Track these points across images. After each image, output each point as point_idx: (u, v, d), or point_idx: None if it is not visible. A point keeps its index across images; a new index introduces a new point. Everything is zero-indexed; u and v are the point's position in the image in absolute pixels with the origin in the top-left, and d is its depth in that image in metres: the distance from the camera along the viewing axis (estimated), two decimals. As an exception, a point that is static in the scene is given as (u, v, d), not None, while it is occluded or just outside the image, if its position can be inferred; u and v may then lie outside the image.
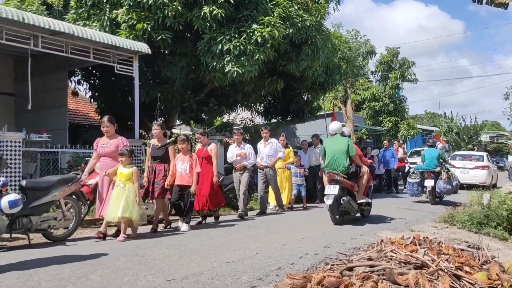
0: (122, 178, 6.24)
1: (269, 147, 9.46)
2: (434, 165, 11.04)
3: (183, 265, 4.45)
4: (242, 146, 8.93)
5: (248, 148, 8.94)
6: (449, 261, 3.95)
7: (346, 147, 7.54)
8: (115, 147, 6.53)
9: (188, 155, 7.22)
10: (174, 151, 7.17)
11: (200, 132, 8.35)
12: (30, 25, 8.10)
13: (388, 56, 25.45)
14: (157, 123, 7.33)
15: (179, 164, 7.11)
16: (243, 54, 10.32)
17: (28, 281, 3.90)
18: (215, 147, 8.02)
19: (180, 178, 7.06)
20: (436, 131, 34.14)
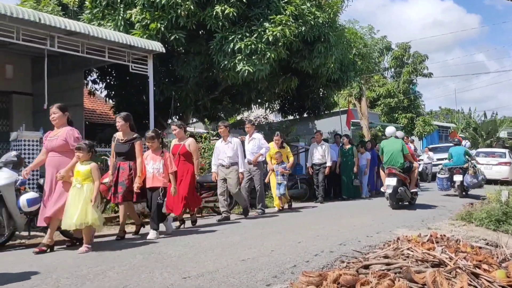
0: (79, 177, 5.27)
1: (253, 143, 8.94)
2: (461, 161, 11.90)
3: (199, 262, 4.47)
4: (229, 140, 8.19)
5: (236, 143, 8.17)
6: (467, 259, 3.90)
7: (401, 147, 9.39)
8: (63, 140, 5.44)
9: (160, 153, 6.30)
10: (142, 146, 6.35)
11: (176, 124, 7.40)
12: (46, 26, 8.19)
13: (399, 51, 25.17)
14: (121, 115, 6.48)
15: (149, 164, 6.24)
16: (254, 53, 10.32)
17: (46, 279, 3.95)
18: (193, 142, 7.31)
19: (152, 180, 6.18)
20: (453, 128, 33.69)
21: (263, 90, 12.87)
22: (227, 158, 8.02)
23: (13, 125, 11.17)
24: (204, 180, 9.11)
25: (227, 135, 8.21)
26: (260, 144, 8.90)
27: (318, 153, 11.31)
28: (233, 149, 8.04)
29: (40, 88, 9.56)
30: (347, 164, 12.05)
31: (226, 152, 8.05)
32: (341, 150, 12.24)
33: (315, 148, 11.45)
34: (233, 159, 8.00)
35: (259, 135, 9.13)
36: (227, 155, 8.02)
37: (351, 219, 7.73)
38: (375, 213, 8.72)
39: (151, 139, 6.29)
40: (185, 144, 7.22)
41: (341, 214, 8.66)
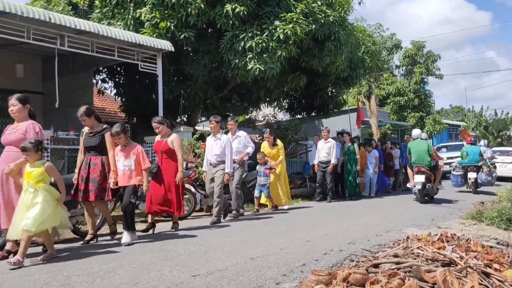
0: (30, 180, 4.65)
1: (238, 142, 8.42)
2: (476, 160, 12.67)
3: (208, 260, 4.49)
4: (218, 137, 7.66)
5: (225, 140, 7.62)
6: (477, 259, 3.87)
7: (427, 147, 10.36)
8: (22, 134, 4.96)
9: (132, 149, 5.77)
10: (113, 139, 5.84)
11: (158, 120, 6.79)
12: (56, 25, 8.25)
13: (413, 49, 24.97)
14: (83, 108, 5.89)
15: (120, 161, 5.75)
16: (265, 51, 10.30)
17: (57, 276, 3.99)
18: (177, 138, 6.72)
19: (123, 178, 5.69)
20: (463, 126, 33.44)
21: (272, 88, 12.85)
22: (214, 156, 7.57)
23: (24, 124, 11.26)
24: None
25: (218, 131, 7.74)
26: (245, 142, 8.50)
27: (324, 150, 11.15)
28: (222, 147, 7.54)
29: (51, 87, 9.65)
30: (349, 162, 11.76)
31: (214, 149, 7.60)
32: (342, 148, 11.99)
33: (321, 145, 11.28)
34: (221, 157, 7.53)
35: (243, 133, 8.66)
36: (214, 153, 7.58)
37: (360, 218, 7.71)
38: (385, 212, 8.69)
39: (117, 135, 5.73)
40: (167, 140, 6.64)
41: (350, 213, 8.64)
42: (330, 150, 11.05)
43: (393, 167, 14.02)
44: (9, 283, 3.80)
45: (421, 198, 10.05)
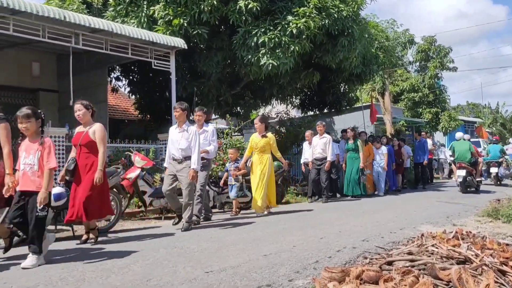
0: None
1: (204, 137, 7.34)
2: (497, 157, 14.47)
3: (221, 257, 4.50)
4: (184, 128, 6.56)
5: (192, 132, 6.56)
6: (493, 256, 3.82)
7: (468, 147, 12.17)
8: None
9: (38, 142, 4.48)
10: (8, 131, 4.65)
11: (81, 103, 5.54)
12: (71, 23, 8.33)
13: (425, 44, 24.66)
14: None
15: (22, 157, 4.51)
16: (278, 47, 10.27)
17: (72, 271, 4.04)
18: (100, 128, 5.46)
19: (23, 180, 4.44)
20: (479, 123, 32.98)
21: (284, 85, 12.82)
22: (180, 150, 6.50)
23: (40, 122, 11.41)
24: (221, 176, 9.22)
25: (184, 121, 6.60)
26: (210, 138, 7.45)
27: (319, 146, 10.38)
28: (188, 140, 6.48)
29: (66, 85, 9.76)
30: (352, 159, 11.14)
31: (179, 142, 6.52)
32: (346, 144, 11.47)
33: (316, 141, 10.52)
34: (188, 152, 6.48)
35: (212, 127, 7.64)
36: (180, 147, 6.50)
37: (374, 215, 7.66)
38: (399, 209, 8.63)
39: (26, 118, 4.42)
40: (89, 131, 5.43)
41: (364, 210, 8.59)
42: (326, 146, 10.30)
43: (401, 164, 13.58)
44: (26, 277, 3.86)
45: (463, 189, 11.81)
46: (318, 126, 10.66)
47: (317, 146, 10.42)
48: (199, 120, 7.44)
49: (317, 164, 10.37)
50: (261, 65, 10.35)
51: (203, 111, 7.54)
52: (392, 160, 12.78)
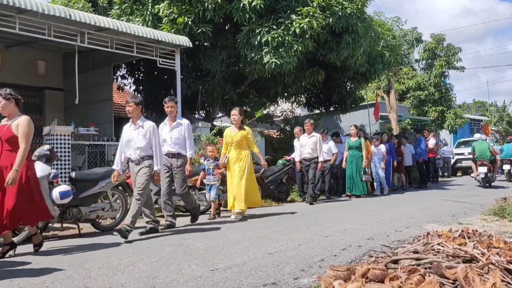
0: None
1: (177, 131, 6.60)
2: (510, 155, 15.52)
3: (226, 255, 4.51)
4: (139, 124, 5.84)
5: (149, 128, 5.82)
6: (500, 255, 3.80)
7: (487, 146, 13.62)
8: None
9: None
10: None
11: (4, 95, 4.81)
12: (76, 22, 8.36)
13: (433, 43, 24.53)
14: None
15: None
16: (282, 46, 10.25)
17: (78, 269, 4.06)
18: (25, 122, 4.68)
19: None
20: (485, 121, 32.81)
21: (289, 83, 12.80)
22: (137, 150, 5.79)
23: (46, 120, 11.48)
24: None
25: (139, 116, 5.87)
26: (185, 135, 6.63)
27: (308, 146, 9.73)
28: (145, 137, 5.78)
29: (71, 83, 9.80)
30: (354, 158, 10.87)
31: (135, 141, 5.79)
32: (348, 142, 11.13)
33: (304, 141, 9.85)
34: (146, 151, 5.80)
35: (186, 121, 6.80)
36: (136, 146, 5.78)
37: (379, 214, 7.64)
38: (404, 208, 8.60)
39: None
40: (11, 125, 4.68)
41: (369, 209, 8.57)
42: (316, 145, 9.66)
43: (401, 163, 13.32)
44: (31, 275, 3.88)
45: (484, 184, 13.03)
46: (306, 124, 9.97)
47: (306, 146, 9.79)
48: (171, 112, 6.62)
49: (306, 164, 9.79)
50: (264, 64, 10.34)
51: (174, 101, 6.73)
52: (393, 157, 12.50)
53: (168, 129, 6.63)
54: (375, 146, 11.79)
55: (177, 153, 6.53)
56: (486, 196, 10.40)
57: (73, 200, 5.88)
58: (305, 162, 9.80)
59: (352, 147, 11.00)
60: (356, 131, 11.11)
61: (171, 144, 6.54)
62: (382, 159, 11.72)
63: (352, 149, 10.99)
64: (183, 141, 6.59)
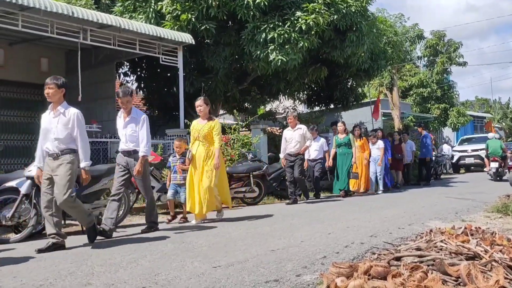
0: None
1: (132, 127, 5.84)
2: None
3: (229, 252, 4.51)
4: (60, 110, 4.95)
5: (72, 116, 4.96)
6: (503, 252, 3.79)
7: (499, 144, 15.11)
8: None
9: None
10: None
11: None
12: (79, 19, 8.37)
13: (434, 39, 24.44)
14: None
15: None
16: (287, 42, 10.24)
17: (81, 265, 4.07)
18: None
19: None
20: (488, 118, 32.70)
21: (292, 80, 12.79)
22: (54, 141, 4.85)
23: (48, 117, 11.49)
24: (234, 170, 9.17)
25: (60, 101, 4.97)
26: (142, 130, 5.82)
27: (294, 140, 9.02)
28: (67, 127, 4.87)
29: (74, 80, 9.80)
30: (344, 156, 10.49)
31: (54, 131, 4.88)
32: (336, 139, 10.72)
33: (290, 135, 9.14)
34: (66, 143, 4.87)
35: (144, 116, 5.94)
36: (55, 136, 4.86)
37: (382, 211, 7.64)
38: (407, 205, 8.59)
39: None
40: None
41: (372, 206, 8.56)
42: (303, 138, 9.01)
43: (401, 160, 13.14)
44: (35, 272, 3.90)
45: (495, 178, 14.55)
46: (289, 117, 9.34)
47: (292, 140, 9.03)
48: (127, 107, 5.83)
49: (291, 160, 9.00)
50: (270, 61, 10.32)
51: (129, 94, 5.85)
52: (389, 155, 12.19)
53: (122, 124, 5.89)
54: (373, 143, 11.49)
55: (132, 150, 5.77)
56: (489, 193, 10.37)
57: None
58: (291, 158, 9.00)
59: (341, 144, 10.60)
60: (343, 128, 10.63)
61: (125, 141, 5.82)
62: (380, 156, 11.39)
63: (342, 146, 10.58)
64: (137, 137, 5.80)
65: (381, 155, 11.42)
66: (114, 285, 3.45)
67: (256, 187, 9.15)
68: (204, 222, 6.62)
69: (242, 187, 9.12)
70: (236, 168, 9.28)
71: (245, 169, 9.14)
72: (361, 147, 10.98)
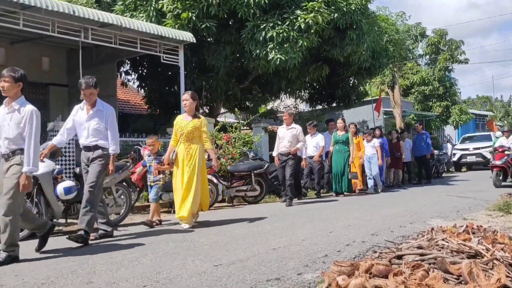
0: None
1: (96, 122, 5.32)
2: None
3: (230, 250, 4.51)
4: (14, 107, 4.45)
5: (27, 113, 4.43)
6: (504, 251, 3.78)
7: None
8: None
9: None
10: None
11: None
12: (80, 18, 8.36)
13: (436, 37, 24.38)
14: None
15: None
16: (286, 41, 10.23)
17: (83, 264, 4.08)
18: None
19: None
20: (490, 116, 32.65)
21: (293, 79, 12.78)
22: (5, 140, 4.40)
23: (50, 116, 11.52)
24: (235, 169, 9.17)
25: (17, 96, 4.45)
26: (110, 124, 5.39)
27: (286, 139, 8.68)
28: (19, 125, 4.38)
29: (75, 79, 9.79)
30: (340, 153, 10.23)
31: (6, 129, 4.41)
32: (334, 136, 10.43)
33: (283, 133, 8.82)
34: (18, 143, 4.38)
35: (110, 108, 5.52)
36: (6, 136, 4.39)
37: (383, 210, 7.63)
38: (409, 203, 8.58)
39: None
40: None
41: (373, 204, 8.56)
42: (295, 138, 8.68)
43: (400, 158, 12.96)
44: (37, 271, 3.90)
45: None
46: (284, 114, 9.04)
47: (284, 139, 8.71)
48: (90, 99, 5.31)
49: (283, 159, 8.70)
50: (269, 60, 10.32)
51: (92, 85, 5.28)
52: (386, 154, 12.01)
53: (85, 117, 5.33)
54: (368, 141, 11.15)
55: (94, 145, 5.28)
56: (490, 192, 10.36)
57: (77, 196, 5.89)
58: (282, 157, 8.69)
59: (338, 142, 10.32)
60: (343, 125, 10.36)
61: (87, 135, 5.28)
62: (375, 154, 11.07)
63: (339, 143, 10.31)
64: (105, 132, 5.35)
65: (379, 153, 11.12)
66: (115, 284, 3.45)
67: (258, 185, 9.14)
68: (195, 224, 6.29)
69: (244, 186, 9.11)
70: (237, 167, 9.27)
71: (246, 168, 9.14)
72: (357, 145, 10.71)
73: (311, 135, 10.48)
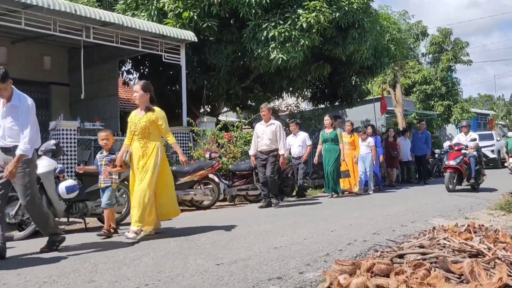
0: None
1: (10, 120, 4.45)
2: None
3: (232, 249, 4.51)
4: None
5: None
6: (506, 250, 3.78)
7: None
8: None
9: None
10: None
11: None
12: (82, 17, 8.38)
13: (440, 37, 24.33)
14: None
15: None
16: (288, 41, 10.23)
17: (85, 263, 4.08)
18: None
19: None
20: (492, 115, 32.60)
21: (294, 78, 12.77)
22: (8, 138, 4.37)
23: (52, 115, 11.55)
24: (237, 168, 9.17)
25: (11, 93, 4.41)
26: (23, 121, 4.40)
27: (266, 136, 8.05)
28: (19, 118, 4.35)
29: (77, 78, 9.86)
30: (330, 152, 9.61)
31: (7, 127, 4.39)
32: (321, 135, 9.93)
33: (261, 130, 8.17)
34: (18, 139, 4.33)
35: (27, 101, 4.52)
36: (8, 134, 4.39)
37: (385, 209, 7.62)
38: (410, 202, 8.57)
39: None
40: None
41: (374, 203, 8.55)
42: (275, 135, 8.01)
43: (397, 157, 12.82)
44: (38, 269, 3.91)
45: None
46: (262, 110, 8.22)
47: (264, 136, 8.06)
48: (2, 95, 4.44)
49: (262, 158, 8.06)
50: (271, 59, 10.31)
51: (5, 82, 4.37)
52: (380, 152, 11.62)
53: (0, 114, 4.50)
54: (362, 140, 10.65)
55: (12, 146, 4.40)
56: (492, 191, 10.34)
57: (79, 195, 5.92)
58: (262, 156, 8.05)
59: (327, 140, 9.69)
60: (330, 122, 9.72)
61: (3, 135, 4.43)
62: (370, 154, 10.67)
63: (328, 142, 9.68)
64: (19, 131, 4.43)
65: (373, 153, 10.75)
66: (117, 282, 3.46)
67: None
68: (156, 233, 5.51)
69: (245, 185, 9.11)
70: (239, 166, 9.26)
71: (247, 167, 9.13)
72: (352, 144, 10.20)
73: (294, 134, 10.05)
